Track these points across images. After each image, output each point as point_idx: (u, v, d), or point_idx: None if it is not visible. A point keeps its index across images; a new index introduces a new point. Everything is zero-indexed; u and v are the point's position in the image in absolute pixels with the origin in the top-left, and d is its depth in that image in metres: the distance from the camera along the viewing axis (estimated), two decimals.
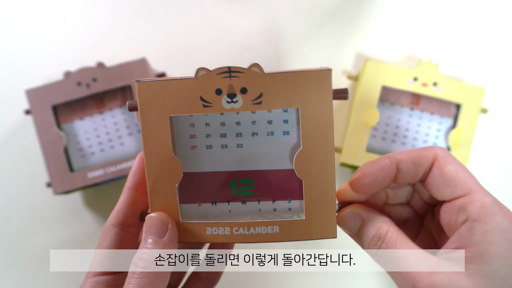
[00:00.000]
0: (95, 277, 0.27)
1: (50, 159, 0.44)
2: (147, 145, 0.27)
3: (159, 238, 0.26)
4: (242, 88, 0.26)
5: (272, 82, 0.26)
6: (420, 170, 0.26)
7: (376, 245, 0.25)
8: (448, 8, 0.50)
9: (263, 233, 0.27)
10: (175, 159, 0.27)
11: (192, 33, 0.50)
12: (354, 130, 0.45)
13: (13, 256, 0.48)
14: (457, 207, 0.25)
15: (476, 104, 0.45)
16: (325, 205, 0.27)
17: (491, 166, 0.49)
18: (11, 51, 0.50)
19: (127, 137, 0.46)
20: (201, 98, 0.26)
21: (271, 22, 0.50)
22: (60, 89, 0.45)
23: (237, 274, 0.46)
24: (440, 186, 0.26)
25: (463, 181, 0.25)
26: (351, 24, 0.50)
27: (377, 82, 0.46)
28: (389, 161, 0.26)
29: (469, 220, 0.24)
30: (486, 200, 0.24)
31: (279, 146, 0.28)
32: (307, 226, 0.27)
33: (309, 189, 0.27)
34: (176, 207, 0.27)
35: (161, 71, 0.49)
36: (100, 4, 0.51)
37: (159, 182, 0.27)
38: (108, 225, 0.29)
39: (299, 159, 0.26)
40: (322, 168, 0.26)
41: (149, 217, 0.26)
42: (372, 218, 0.26)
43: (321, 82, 0.25)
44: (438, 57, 0.50)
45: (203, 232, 0.27)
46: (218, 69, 0.26)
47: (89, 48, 0.50)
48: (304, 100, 0.26)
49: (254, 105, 0.26)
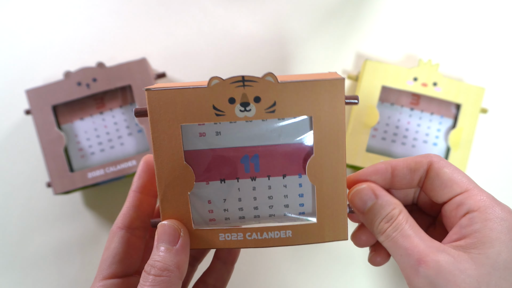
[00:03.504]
0: (103, 281, 0.27)
1: (50, 159, 0.44)
2: (158, 154, 0.26)
3: (171, 246, 0.26)
4: (255, 97, 0.26)
5: (285, 91, 0.26)
6: (416, 176, 0.27)
7: (388, 223, 0.26)
8: (448, 8, 0.50)
9: (276, 237, 0.27)
10: (187, 167, 0.27)
11: (193, 33, 0.50)
12: (354, 130, 0.45)
13: (13, 256, 0.48)
14: (456, 204, 0.26)
15: (476, 104, 0.45)
16: (337, 209, 0.27)
17: (491, 166, 0.49)
18: (11, 51, 0.50)
19: (127, 137, 0.46)
20: (214, 106, 0.26)
21: (272, 22, 0.50)
22: (60, 89, 0.45)
23: (237, 275, 0.46)
24: (438, 188, 0.27)
25: (459, 181, 0.26)
26: (351, 24, 0.50)
27: (377, 82, 0.46)
28: (384, 165, 0.28)
29: (469, 212, 0.25)
30: (484, 195, 0.25)
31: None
32: (319, 229, 0.27)
33: (321, 194, 0.27)
34: (188, 214, 0.27)
35: (161, 71, 0.49)
36: (100, 4, 0.51)
37: (170, 190, 0.27)
38: (115, 228, 0.29)
39: (311, 166, 0.27)
40: (334, 173, 0.27)
41: (161, 224, 0.27)
42: (386, 197, 0.27)
43: (334, 91, 0.26)
44: (438, 57, 0.50)
45: (216, 239, 0.27)
46: (232, 78, 0.26)
47: (89, 48, 0.50)
48: (317, 109, 0.26)
49: (268, 113, 0.26)
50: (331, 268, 0.48)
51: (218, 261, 0.33)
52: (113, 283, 0.27)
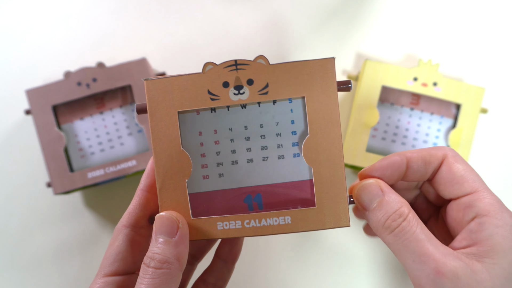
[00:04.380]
0: (104, 278, 0.27)
1: (50, 159, 0.44)
2: (156, 142, 0.27)
3: (170, 238, 0.25)
4: (248, 79, 0.27)
5: (277, 72, 0.26)
6: (429, 168, 0.27)
7: (396, 222, 0.24)
8: (448, 8, 0.51)
9: (275, 224, 0.27)
10: (184, 153, 0.27)
11: (192, 33, 0.50)
12: (354, 130, 0.45)
13: (13, 256, 0.48)
14: (464, 204, 0.25)
15: (476, 104, 0.45)
16: (336, 192, 0.26)
17: (491, 166, 0.49)
18: (11, 51, 0.50)
19: (127, 137, 0.46)
20: (209, 91, 0.27)
21: (272, 22, 0.50)
22: (60, 89, 0.45)
23: (237, 274, 0.46)
24: (448, 183, 0.26)
25: (470, 180, 0.25)
26: (351, 24, 0.50)
27: (377, 82, 0.46)
28: (399, 157, 0.27)
29: (479, 216, 0.24)
30: (493, 198, 0.25)
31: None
32: (319, 215, 0.27)
33: (319, 176, 0.27)
34: (186, 203, 0.27)
35: (161, 71, 0.49)
36: (100, 4, 0.51)
37: (168, 178, 0.27)
38: (120, 226, 0.28)
39: (307, 147, 0.27)
40: (331, 153, 0.26)
41: (159, 216, 0.26)
42: (394, 195, 0.26)
43: (325, 70, 0.26)
44: (438, 57, 0.50)
45: (214, 228, 0.27)
46: (225, 63, 0.26)
47: (89, 48, 0.50)
48: (309, 89, 0.26)
49: (261, 95, 0.27)
50: (331, 268, 0.48)
51: (219, 259, 0.33)
52: (114, 280, 0.27)
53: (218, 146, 0.28)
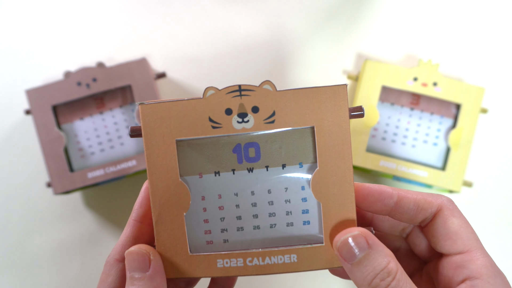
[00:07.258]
0: None
1: (50, 159, 0.44)
2: (152, 171, 0.25)
3: (144, 273, 0.24)
4: (253, 107, 0.25)
5: (285, 99, 0.25)
6: (420, 215, 0.25)
7: (384, 282, 0.22)
8: (448, 8, 0.50)
9: (280, 263, 0.25)
10: (182, 185, 0.25)
11: (193, 33, 0.50)
12: (354, 130, 0.45)
13: (13, 256, 0.48)
14: (456, 264, 0.24)
15: (476, 104, 0.45)
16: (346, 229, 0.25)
17: (491, 166, 0.49)
18: (11, 51, 0.50)
19: (127, 137, 0.46)
20: (210, 119, 0.25)
21: (272, 23, 0.50)
22: (60, 89, 0.45)
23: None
24: (441, 237, 0.25)
25: (465, 237, 0.24)
26: (351, 24, 0.50)
27: (377, 82, 0.46)
28: (392, 190, 0.25)
29: (470, 279, 0.23)
30: (486, 259, 0.23)
31: None
32: (327, 252, 0.25)
33: (327, 212, 0.25)
34: (184, 238, 0.25)
35: (161, 71, 0.49)
36: (100, 4, 0.51)
37: (165, 211, 0.25)
38: (112, 260, 0.26)
39: (316, 180, 0.25)
40: (341, 188, 0.25)
41: (128, 252, 0.24)
42: (380, 248, 0.23)
43: (336, 98, 0.25)
44: (438, 57, 0.50)
45: (213, 265, 0.25)
46: (228, 88, 0.25)
47: (89, 48, 0.50)
48: (319, 118, 0.25)
49: (267, 124, 0.25)
50: None
51: (215, 286, 0.31)
52: None
53: (223, 212, 0.26)
